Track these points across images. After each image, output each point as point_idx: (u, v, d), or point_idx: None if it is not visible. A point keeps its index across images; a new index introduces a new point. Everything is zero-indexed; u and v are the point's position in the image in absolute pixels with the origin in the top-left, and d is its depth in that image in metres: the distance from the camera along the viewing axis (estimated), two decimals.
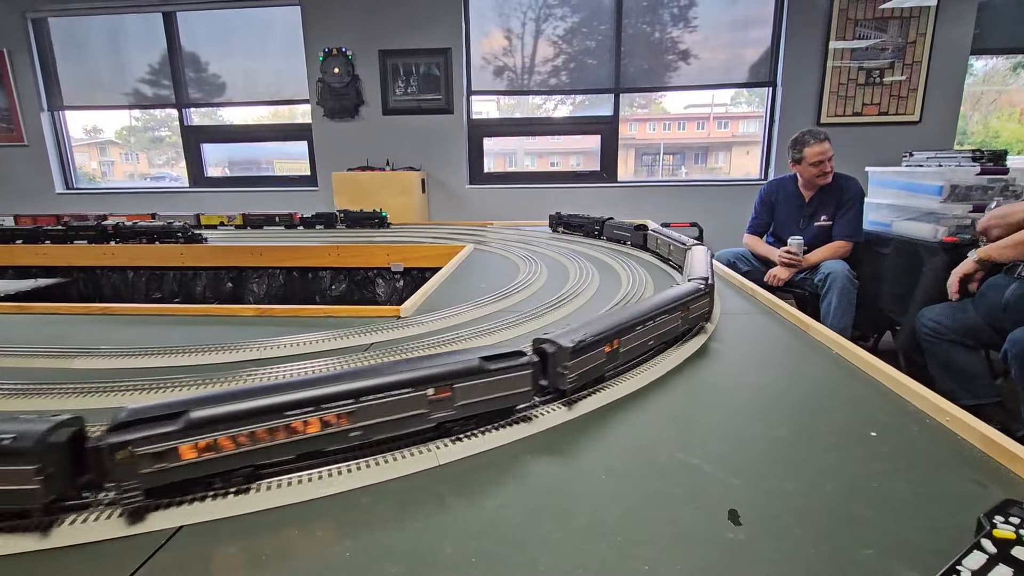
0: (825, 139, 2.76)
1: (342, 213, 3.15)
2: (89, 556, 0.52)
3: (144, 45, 4.81)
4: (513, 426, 0.75)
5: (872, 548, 0.52)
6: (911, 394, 0.84)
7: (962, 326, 2.19)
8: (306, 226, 3.16)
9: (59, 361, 1.04)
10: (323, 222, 3.15)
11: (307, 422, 0.61)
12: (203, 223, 3.22)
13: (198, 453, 0.56)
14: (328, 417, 0.62)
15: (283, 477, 0.63)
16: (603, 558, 0.51)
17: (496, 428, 0.74)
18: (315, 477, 0.64)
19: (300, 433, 0.60)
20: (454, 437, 0.72)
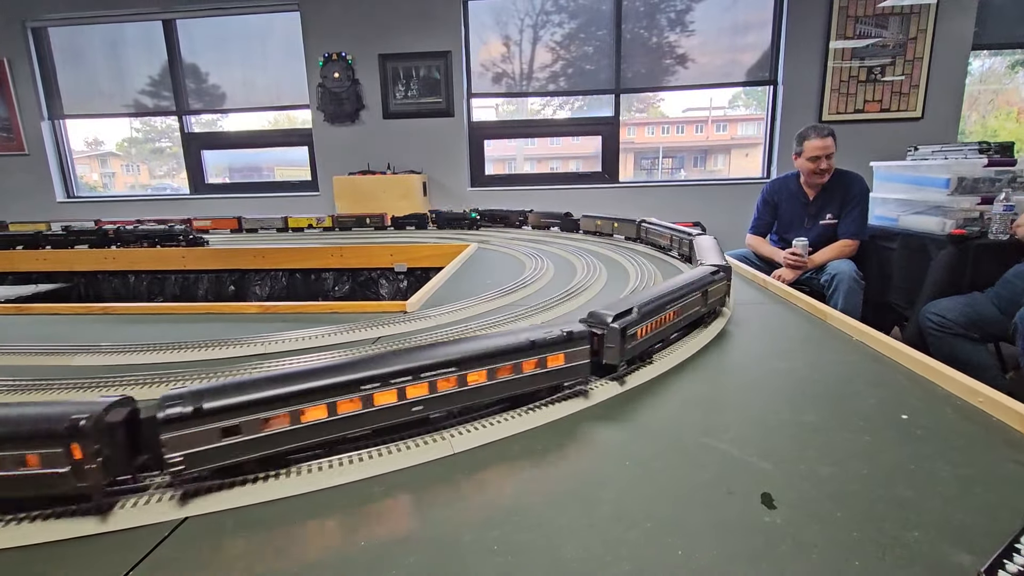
0: (828, 135, 2.73)
1: (434, 213, 3.00)
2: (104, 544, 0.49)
3: (144, 53, 4.81)
4: (530, 413, 0.72)
5: (918, 530, 0.49)
6: (940, 377, 0.81)
7: (967, 319, 2.17)
8: (396, 227, 3.00)
9: (59, 359, 1.02)
10: (415, 223, 3.00)
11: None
12: (290, 225, 3.09)
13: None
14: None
15: (294, 467, 0.60)
16: (633, 544, 0.48)
17: (512, 416, 0.72)
18: (325, 466, 0.61)
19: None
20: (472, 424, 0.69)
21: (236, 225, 3.18)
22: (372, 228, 3.04)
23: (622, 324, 0.78)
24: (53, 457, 0.48)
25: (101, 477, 0.50)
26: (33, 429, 0.48)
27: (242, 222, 3.18)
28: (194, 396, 0.53)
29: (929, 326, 2.25)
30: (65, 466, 0.48)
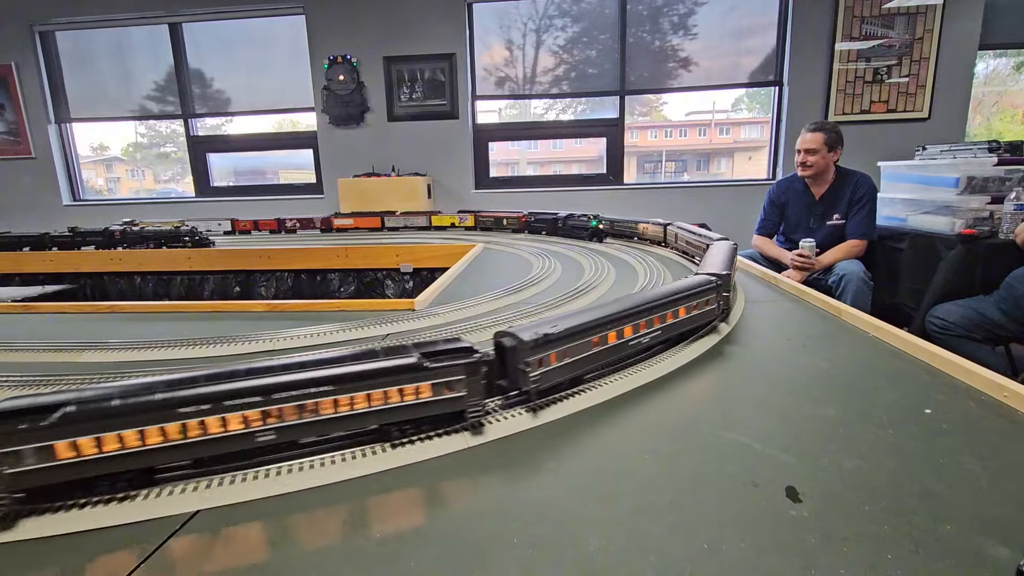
0: (818, 130, 2.72)
1: (567, 215, 2.61)
2: None
3: (150, 57, 4.83)
4: (542, 410, 0.71)
5: (951, 523, 0.47)
6: (962, 372, 0.80)
7: (969, 321, 2.16)
8: (531, 231, 2.72)
9: (66, 355, 1.01)
10: (545, 227, 2.67)
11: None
12: (434, 224, 2.93)
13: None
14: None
15: (306, 460, 0.59)
16: (658, 537, 0.47)
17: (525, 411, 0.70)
18: (339, 460, 0.60)
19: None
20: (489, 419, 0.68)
21: (379, 224, 3.04)
22: (510, 230, 2.73)
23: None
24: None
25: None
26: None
27: (384, 221, 3.04)
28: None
29: (933, 329, 2.25)
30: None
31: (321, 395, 0.56)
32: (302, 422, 0.56)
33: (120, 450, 0.50)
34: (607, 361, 0.80)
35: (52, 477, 0.48)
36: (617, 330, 0.79)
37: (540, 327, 0.70)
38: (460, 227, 2.88)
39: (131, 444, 0.50)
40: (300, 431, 0.57)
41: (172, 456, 0.53)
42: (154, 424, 0.50)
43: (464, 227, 2.87)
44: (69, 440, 0.48)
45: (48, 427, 0.47)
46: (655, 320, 0.86)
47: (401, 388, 0.60)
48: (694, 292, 0.95)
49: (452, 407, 0.63)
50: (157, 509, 0.51)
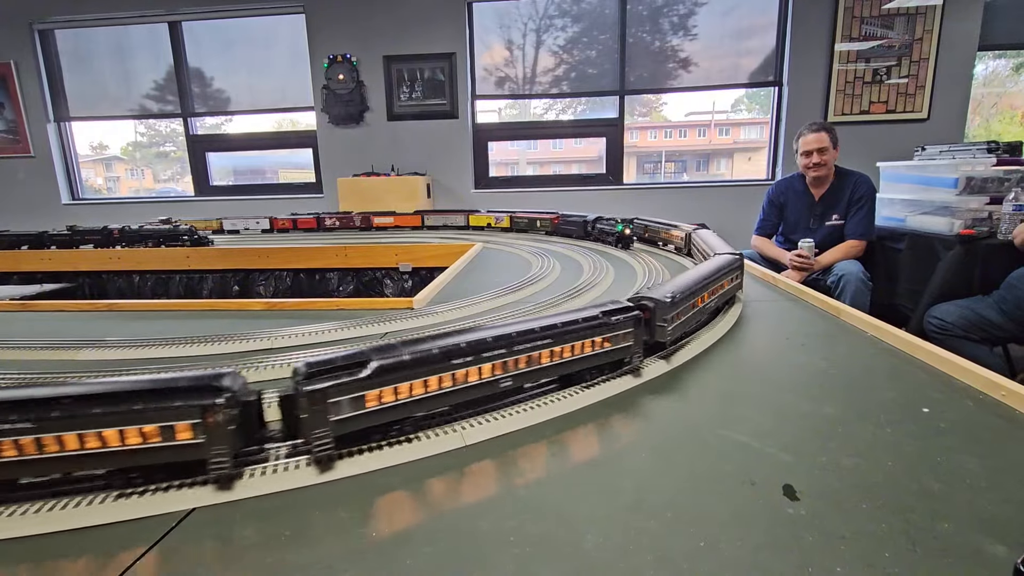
0: (821, 129, 2.72)
1: (595, 218, 2.36)
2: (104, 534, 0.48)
3: (150, 56, 4.83)
4: (542, 407, 0.71)
5: (949, 522, 0.47)
6: (959, 371, 0.80)
7: (967, 322, 2.16)
8: (561, 234, 2.52)
9: (64, 353, 1.01)
10: (575, 231, 2.43)
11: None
12: (471, 224, 2.84)
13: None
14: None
15: (301, 458, 0.59)
16: (655, 534, 0.46)
17: (523, 409, 0.70)
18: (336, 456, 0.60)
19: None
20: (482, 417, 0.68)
21: (419, 222, 2.98)
22: (543, 233, 2.59)
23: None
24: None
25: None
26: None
27: (424, 219, 2.97)
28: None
29: (931, 329, 2.25)
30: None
31: (542, 347, 0.68)
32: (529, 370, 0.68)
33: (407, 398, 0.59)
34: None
35: (360, 423, 0.57)
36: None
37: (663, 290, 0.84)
38: (496, 228, 2.79)
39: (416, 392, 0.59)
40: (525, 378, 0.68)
41: (442, 402, 0.62)
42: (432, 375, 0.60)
43: (500, 228, 2.78)
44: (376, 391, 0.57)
45: (361, 380, 0.55)
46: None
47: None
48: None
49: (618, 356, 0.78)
50: (153, 507, 0.51)
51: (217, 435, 0.50)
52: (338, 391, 0.54)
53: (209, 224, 3.17)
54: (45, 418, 0.47)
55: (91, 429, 0.48)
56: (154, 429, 0.49)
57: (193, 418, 0.49)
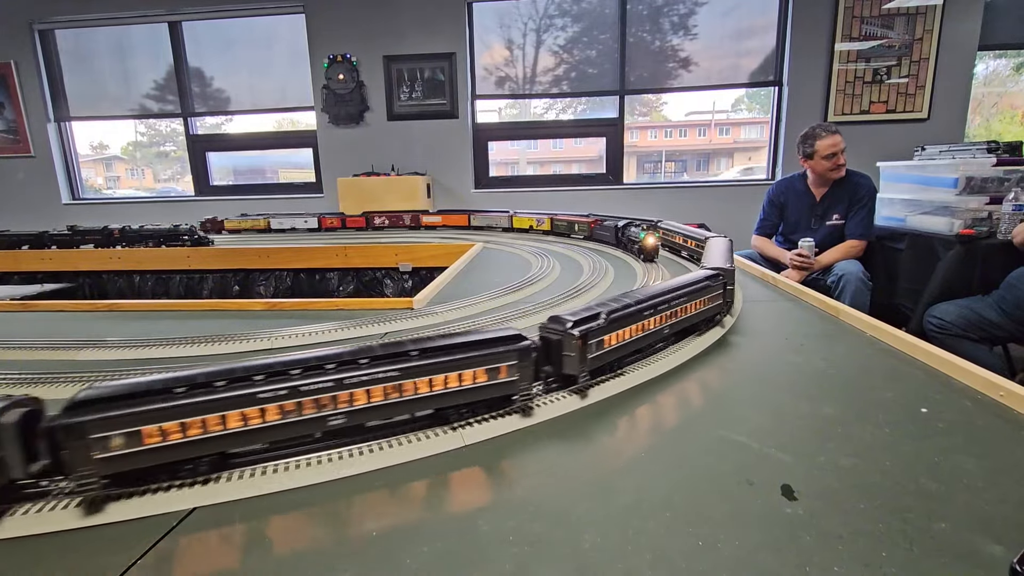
0: (836, 132, 2.72)
1: (624, 223, 2.13)
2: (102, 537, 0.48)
3: (150, 55, 4.83)
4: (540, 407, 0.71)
5: (946, 522, 0.47)
6: (957, 371, 0.80)
7: (966, 321, 2.16)
8: (594, 238, 2.36)
9: (64, 353, 1.01)
10: (608, 236, 2.24)
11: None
12: (515, 225, 2.75)
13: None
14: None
15: (296, 459, 0.59)
16: (653, 534, 0.47)
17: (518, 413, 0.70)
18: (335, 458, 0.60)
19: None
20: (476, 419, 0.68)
21: (466, 222, 2.93)
22: (581, 236, 2.45)
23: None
24: None
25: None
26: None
27: (471, 218, 2.91)
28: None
29: (930, 329, 2.25)
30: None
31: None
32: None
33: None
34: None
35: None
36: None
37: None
38: (538, 230, 2.67)
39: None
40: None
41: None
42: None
43: (541, 230, 2.66)
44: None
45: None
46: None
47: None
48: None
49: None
50: (154, 507, 0.51)
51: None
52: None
53: (256, 223, 3.15)
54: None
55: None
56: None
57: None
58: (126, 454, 0.49)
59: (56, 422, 0.48)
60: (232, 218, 3.21)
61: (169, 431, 0.51)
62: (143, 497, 0.52)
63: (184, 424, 0.51)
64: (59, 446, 0.48)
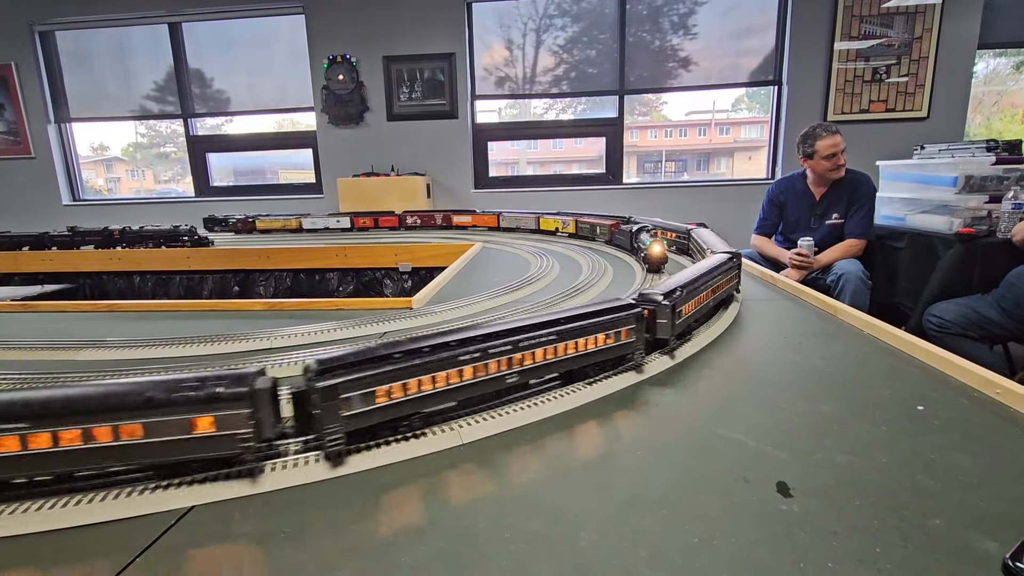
0: (837, 132, 2.72)
1: (638, 228, 1.97)
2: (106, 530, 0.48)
3: (150, 56, 4.84)
4: (538, 406, 0.71)
5: (941, 518, 0.48)
6: (954, 368, 0.80)
7: (966, 320, 2.16)
8: (614, 243, 2.25)
9: (64, 353, 1.01)
10: (625, 241, 2.12)
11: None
12: (542, 227, 2.67)
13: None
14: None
15: (299, 456, 0.59)
16: (649, 531, 0.47)
17: (522, 408, 0.71)
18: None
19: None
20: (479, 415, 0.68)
21: (496, 223, 2.88)
22: (603, 241, 2.30)
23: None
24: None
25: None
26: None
27: (500, 219, 2.86)
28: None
29: (930, 328, 2.25)
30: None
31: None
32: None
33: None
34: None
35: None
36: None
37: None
38: (563, 232, 2.59)
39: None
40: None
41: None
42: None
43: (567, 232, 2.57)
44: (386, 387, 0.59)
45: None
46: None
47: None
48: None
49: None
50: (152, 505, 0.52)
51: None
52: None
53: (288, 223, 3.13)
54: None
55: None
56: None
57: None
58: (361, 412, 0.57)
59: (310, 384, 0.54)
60: (264, 218, 3.21)
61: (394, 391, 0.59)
62: (142, 495, 0.53)
63: (406, 384, 0.59)
64: (311, 406, 0.54)
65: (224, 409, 0.51)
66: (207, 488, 0.54)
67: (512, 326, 0.68)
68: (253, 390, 0.52)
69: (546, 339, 0.69)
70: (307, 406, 0.55)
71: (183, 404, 0.50)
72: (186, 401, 0.50)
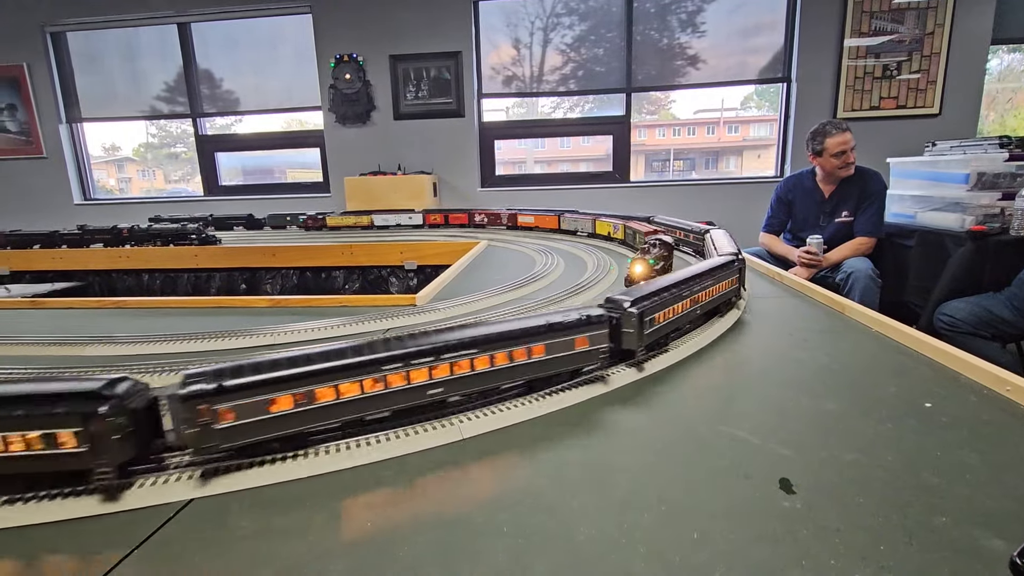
0: (847, 129, 2.69)
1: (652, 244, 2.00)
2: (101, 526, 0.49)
3: (159, 57, 4.88)
4: (543, 399, 0.71)
5: (946, 516, 0.47)
6: (963, 366, 0.79)
7: (977, 319, 2.13)
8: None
9: (72, 349, 1.02)
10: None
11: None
12: (597, 231, 2.55)
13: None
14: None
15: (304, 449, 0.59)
16: (647, 527, 0.46)
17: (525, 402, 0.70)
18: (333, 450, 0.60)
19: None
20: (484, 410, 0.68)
21: (556, 224, 2.79)
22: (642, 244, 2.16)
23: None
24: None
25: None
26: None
27: (561, 220, 2.77)
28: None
29: (941, 327, 2.22)
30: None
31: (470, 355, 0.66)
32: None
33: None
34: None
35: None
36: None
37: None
38: (615, 238, 2.37)
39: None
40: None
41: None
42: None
43: (617, 239, 2.36)
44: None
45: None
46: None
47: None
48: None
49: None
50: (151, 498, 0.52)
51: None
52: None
53: (360, 220, 3.19)
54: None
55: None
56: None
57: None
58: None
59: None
60: (335, 214, 3.24)
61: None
62: (141, 488, 0.53)
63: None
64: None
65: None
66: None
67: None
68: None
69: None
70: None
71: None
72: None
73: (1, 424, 0.48)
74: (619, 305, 0.78)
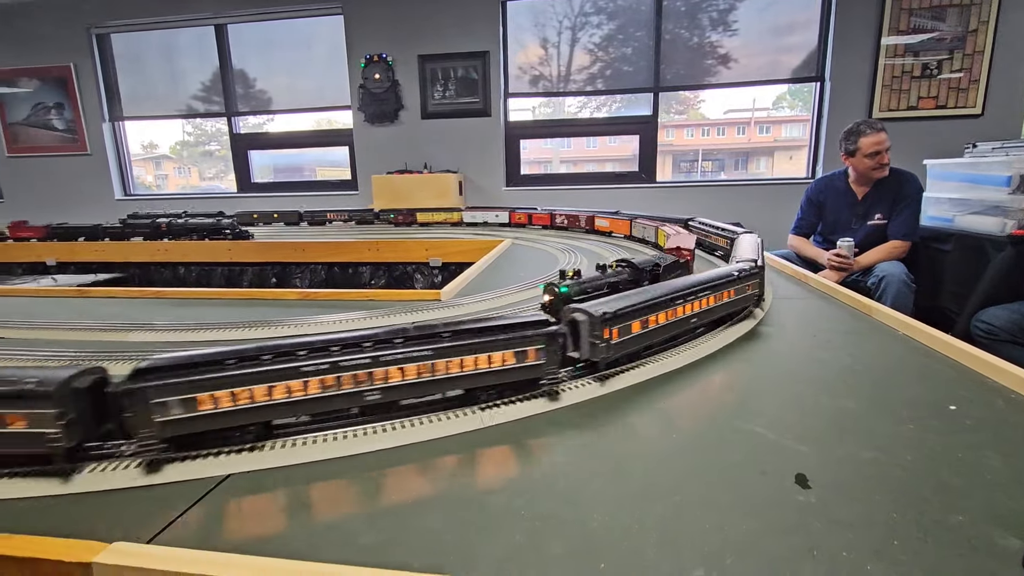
0: (882, 129, 2.62)
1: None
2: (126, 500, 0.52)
3: (197, 57, 5.04)
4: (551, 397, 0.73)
5: (963, 515, 0.47)
6: (992, 370, 0.77)
7: (1015, 325, 2.06)
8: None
9: (116, 335, 1.08)
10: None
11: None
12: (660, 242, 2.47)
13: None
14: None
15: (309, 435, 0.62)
16: (661, 516, 0.48)
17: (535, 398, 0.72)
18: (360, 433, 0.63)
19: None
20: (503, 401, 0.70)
21: (628, 230, 2.70)
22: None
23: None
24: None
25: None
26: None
27: (632, 226, 2.68)
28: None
29: (978, 334, 2.15)
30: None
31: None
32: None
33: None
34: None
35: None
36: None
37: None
38: (647, 240, 2.37)
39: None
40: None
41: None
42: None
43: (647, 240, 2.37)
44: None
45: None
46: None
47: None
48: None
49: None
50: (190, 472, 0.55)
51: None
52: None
53: (450, 217, 3.30)
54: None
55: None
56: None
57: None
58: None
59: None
60: (423, 211, 3.38)
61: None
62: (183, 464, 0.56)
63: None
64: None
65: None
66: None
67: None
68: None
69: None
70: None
71: None
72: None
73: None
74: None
